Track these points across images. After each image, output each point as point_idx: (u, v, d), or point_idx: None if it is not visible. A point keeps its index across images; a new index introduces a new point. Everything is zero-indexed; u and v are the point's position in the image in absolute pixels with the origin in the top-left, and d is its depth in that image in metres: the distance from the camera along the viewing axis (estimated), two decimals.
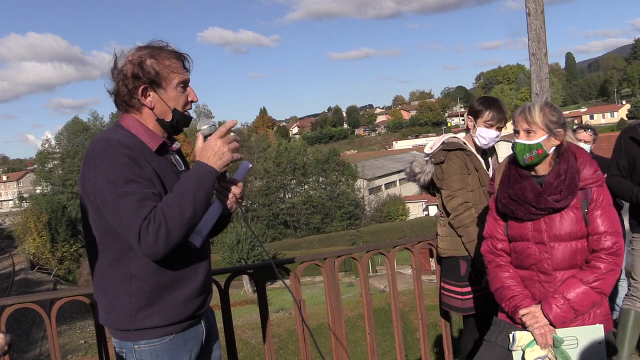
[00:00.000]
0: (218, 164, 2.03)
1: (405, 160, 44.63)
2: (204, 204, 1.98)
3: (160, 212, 1.91)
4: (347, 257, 3.77)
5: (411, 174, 3.79)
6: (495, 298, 2.79)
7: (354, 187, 54.23)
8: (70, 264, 48.25)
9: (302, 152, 55.86)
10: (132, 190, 1.92)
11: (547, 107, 2.61)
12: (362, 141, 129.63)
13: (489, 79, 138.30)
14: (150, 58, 2.09)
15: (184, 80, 2.14)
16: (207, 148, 2.04)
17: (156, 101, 2.11)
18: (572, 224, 2.56)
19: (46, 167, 61.75)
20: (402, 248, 3.99)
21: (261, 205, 51.59)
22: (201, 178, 1.99)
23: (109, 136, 2.04)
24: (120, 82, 2.10)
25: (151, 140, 2.11)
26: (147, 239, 1.89)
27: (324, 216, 51.11)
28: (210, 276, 2.30)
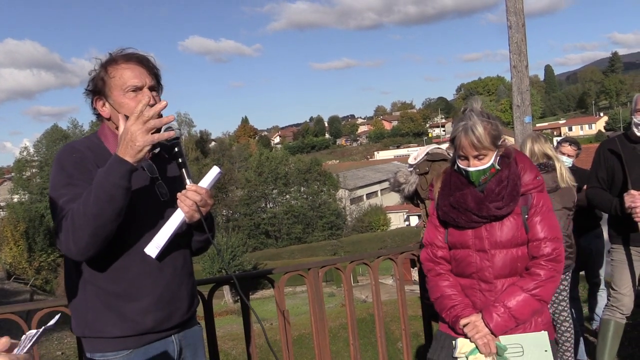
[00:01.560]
0: (129, 153, 1.87)
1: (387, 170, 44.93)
2: (108, 199, 1.84)
3: (71, 211, 1.89)
4: (331, 267, 3.76)
5: (395, 184, 3.82)
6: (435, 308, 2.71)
7: (335, 197, 54.30)
8: (48, 273, 47.55)
9: (284, 162, 55.81)
10: (64, 193, 1.94)
11: (487, 122, 2.49)
12: (343, 151, 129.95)
13: (470, 90, 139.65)
14: (101, 69, 2.11)
15: (132, 85, 2.07)
16: (121, 135, 1.92)
17: (110, 110, 2.12)
18: (513, 230, 2.51)
19: (24, 175, 60.98)
20: (386, 258, 4.00)
21: (242, 215, 51.40)
22: (108, 170, 1.87)
23: (68, 143, 2.12)
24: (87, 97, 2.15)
25: (115, 145, 2.07)
26: (60, 237, 1.88)
27: (306, 226, 51.03)
28: (183, 288, 2.20)
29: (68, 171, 1.99)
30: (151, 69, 2.14)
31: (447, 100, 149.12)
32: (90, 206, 1.84)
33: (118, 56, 2.12)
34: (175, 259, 2.16)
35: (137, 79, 2.09)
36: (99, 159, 2.04)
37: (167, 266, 2.13)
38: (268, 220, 51.34)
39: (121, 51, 2.14)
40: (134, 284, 2.04)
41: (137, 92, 2.09)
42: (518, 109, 6.17)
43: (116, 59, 2.11)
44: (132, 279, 2.04)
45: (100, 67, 2.12)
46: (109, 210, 1.86)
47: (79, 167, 2.00)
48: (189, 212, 2.05)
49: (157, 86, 2.16)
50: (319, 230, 50.65)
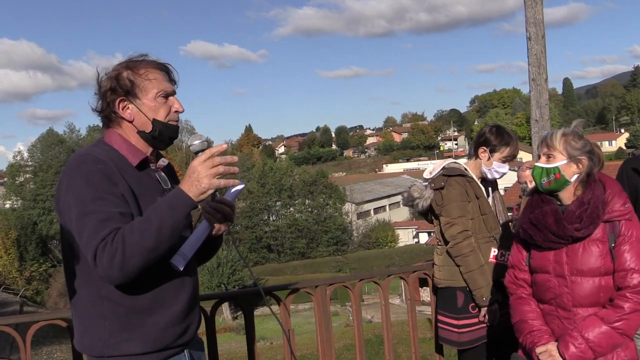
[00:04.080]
0: (193, 192, 1.93)
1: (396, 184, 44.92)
2: (169, 235, 1.90)
3: (120, 235, 1.86)
4: (340, 285, 3.76)
5: (409, 198, 3.81)
6: (514, 332, 2.78)
7: (341, 211, 54.22)
8: (39, 284, 47.51)
9: (289, 173, 55.84)
10: (96, 209, 1.91)
11: (571, 133, 2.64)
12: (351, 163, 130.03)
13: (484, 103, 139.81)
14: (126, 70, 2.13)
15: (164, 89, 2.14)
16: (187, 171, 1.99)
17: (135, 113, 2.12)
18: (597, 258, 2.52)
19: (17, 181, 61.12)
20: (397, 277, 3.99)
21: (244, 228, 51.34)
22: (173, 204, 1.92)
23: (85, 151, 2.07)
24: (101, 98, 2.14)
25: (133, 155, 2.12)
26: (102, 261, 1.85)
27: (310, 241, 50.95)
28: (197, 302, 2.25)
29: (96, 183, 1.95)
30: (174, 81, 2.21)
31: (460, 113, 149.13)
32: (150, 238, 1.86)
33: (149, 60, 2.17)
34: (193, 273, 2.22)
35: (168, 85, 2.16)
36: (121, 170, 2.04)
37: (187, 279, 2.17)
38: (270, 234, 51.30)
39: (141, 56, 2.18)
40: (156, 298, 2.06)
41: (166, 98, 2.15)
42: (536, 124, 6.16)
43: (148, 62, 2.16)
44: (155, 292, 2.05)
45: (123, 67, 2.13)
46: (166, 244, 1.91)
47: (107, 179, 1.97)
48: (216, 224, 2.16)
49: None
50: (323, 245, 50.57)
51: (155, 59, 2.19)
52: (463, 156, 56.95)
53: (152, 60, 2.17)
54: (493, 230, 3.62)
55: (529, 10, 6.08)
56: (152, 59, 2.18)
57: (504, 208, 3.84)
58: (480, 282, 3.45)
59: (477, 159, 3.71)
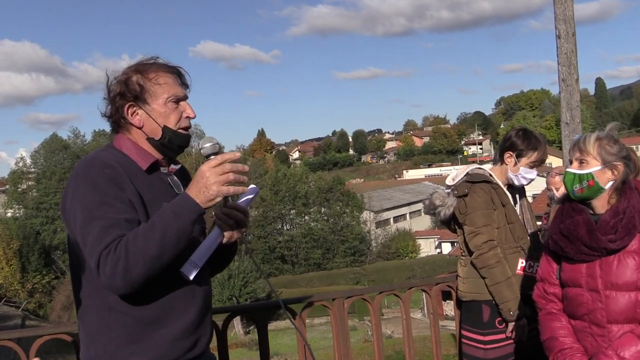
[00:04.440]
0: (200, 198, 1.94)
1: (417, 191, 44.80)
2: (175, 242, 1.91)
3: (124, 242, 1.88)
4: (358, 298, 3.76)
5: (430, 206, 3.80)
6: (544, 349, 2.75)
7: (359, 220, 54.11)
8: (42, 297, 47.85)
9: (303, 180, 55.85)
10: (101, 215, 1.93)
11: (606, 137, 2.61)
12: (369, 169, 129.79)
13: (510, 105, 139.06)
14: (136, 74, 2.15)
15: (175, 94, 2.16)
16: (195, 176, 2.01)
17: (144, 119, 2.15)
18: (633, 271, 2.48)
19: (19, 188, 61.64)
20: (419, 289, 3.99)
21: (256, 237, 51.40)
22: (178, 211, 1.93)
23: (93, 156, 2.10)
24: (110, 103, 2.18)
25: (142, 158, 2.14)
26: (105, 270, 1.87)
27: (326, 251, 50.89)
28: (208, 314, 2.26)
29: (102, 189, 1.97)
30: (186, 85, 2.25)
31: (485, 115, 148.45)
32: (153, 246, 1.88)
33: (159, 63, 2.20)
34: (204, 283, 2.23)
35: (180, 89, 2.19)
36: (129, 174, 2.06)
37: (198, 289, 2.18)
38: (284, 244, 51.30)
39: (152, 59, 2.21)
40: (165, 308, 2.07)
41: (177, 103, 2.18)
42: (567, 127, 6.12)
43: (158, 66, 2.19)
44: (164, 303, 2.07)
45: (133, 71, 2.17)
46: (171, 252, 1.93)
47: (114, 184, 1.99)
48: (229, 232, 2.15)
49: None
50: (340, 256, 50.48)
51: (166, 62, 2.22)
52: (488, 161, 56.07)
53: (163, 64, 2.20)
54: (520, 240, 3.61)
55: (559, 6, 6.05)
56: (163, 62, 2.21)
57: (532, 216, 3.82)
58: (507, 295, 3.43)
59: (503, 164, 3.71)
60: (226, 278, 33.20)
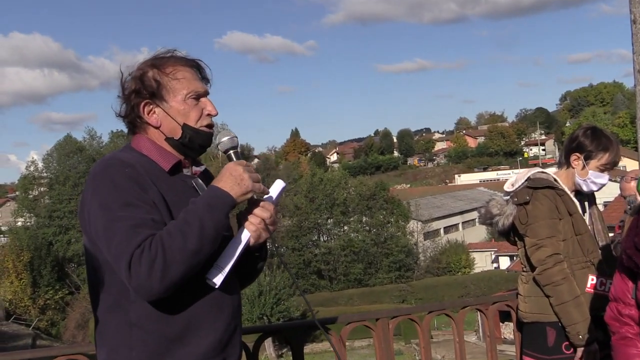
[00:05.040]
0: (235, 190, 2.04)
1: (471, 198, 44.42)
2: (213, 235, 1.98)
3: (158, 240, 1.91)
4: (405, 318, 3.76)
5: (487, 215, 3.78)
6: None
7: (405, 231, 53.97)
8: (54, 314, 48.63)
9: (342, 185, 55.91)
10: (127, 215, 1.96)
11: None
12: (416, 173, 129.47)
13: (577, 100, 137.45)
14: (152, 69, 2.20)
15: (195, 90, 2.20)
16: (223, 171, 2.07)
17: (162, 118, 2.20)
18: None
19: (30, 195, 62.71)
20: (473, 309, 3.97)
21: (290, 250, 51.61)
22: (212, 203, 2.00)
23: (112, 155, 2.15)
24: (124, 101, 2.22)
25: (164, 159, 2.19)
26: (139, 270, 1.88)
27: (367, 265, 50.83)
28: (237, 332, 2.27)
29: (124, 189, 2.01)
30: (207, 79, 2.29)
31: (548, 112, 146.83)
32: (192, 240, 1.93)
33: (176, 57, 2.24)
34: (233, 295, 2.24)
35: (200, 85, 2.23)
36: (151, 176, 2.10)
37: (226, 302, 2.20)
38: (321, 257, 51.39)
39: (169, 52, 2.25)
40: (190, 324, 2.09)
41: (198, 100, 2.22)
42: None
43: (175, 59, 2.23)
44: (189, 317, 2.09)
45: (148, 66, 2.21)
46: (209, 247, 1.99)
47: (135, 184, 2.04)
48: (256, 231, 2.16)
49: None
50: (384, 270, 50.37)
51: (185, 55, 2.26)
52: (552, 164, 55.32)
53: (181, 57, 2.25)
54: (590, 254, 3.56)
55: None
56: (181, 55, 2.25)
57: (603, 227, 3.77)
58: (576, 316, 3.39)
59: (570, 167, 3.67)
60: (256, 295, 33.36)
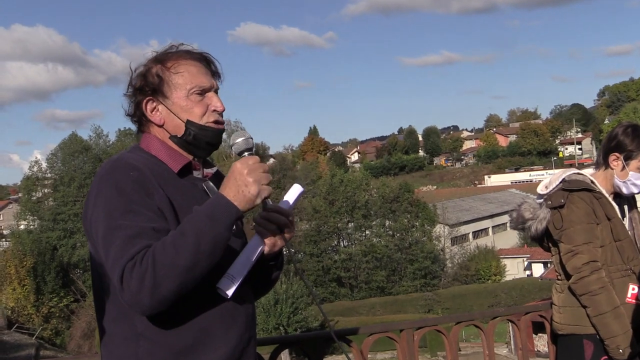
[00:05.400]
0: (240, 199, 2.00)
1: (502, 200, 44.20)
2: (210, 251, 1.94)
3: (151, 253, 1.90)
4: (431, 329, 3.76)
5: (518, 220, 3.78)
6: None
7: (431, 235, 53.85)
8: (59, 322, 48.90)
9: (364, 187, 55.90)
10: (126, 224, 1.97)
11: None
12: (443, 174, 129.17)
13: (617, 95, 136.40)
14: (155, 64, 2.23)
15: (198, 84, 2.22)
16: (228, 175, 2.05)
17: (165, 115, 2.22)
18: None
19: (33, 197, 63.11)
20: (504, 320, 3.96)
21: (308, 255, 51.65)
22: (213, 214, 1.96)
23: (118, 157, 2.17)
24: (129, 99, 2.27)
25: (173, 160, 2.21)
26: (130, 284, 1.89)
27: (391, 272, 50.78)
28: (252, 344, 2.28)
29: (127, 194, 2.02)
30: (216, 73, 2.31)
31: (585, 108, 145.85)
32: (185, 256, 1.90)
33: (181, 50, 2.26)
34: (246, 305, 2.25)
35: (205, 79, 2.24)
36: (158, 178, 2.12)
37: (240, 312, 2.20)
38: (341, 264, 51.37)
39: (179, 45, 2.28)
40: (201, 335, 2.10)
41: (202, 95, 2.23)
42: None
43: (178, 53, 2.25)
44: (199, 328, 2.09)
45: (152, 61, 2.24)
46: (205, 263, 1.95)
47: (140, 189, 2.05)
48: (271, 239, 2.18)
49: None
50: (408, 278, 50.30)
51: (191, 48, 2.29)
52: (589, 165, 55.18)
53: (185, 50, 2.27)
54: (631, 261, 3.55)
55: None
56: (186, 48, 2.28)
57: None
58: (615, 328, 3.38)
59: (608, 168, 3.66)
60: (272, 303, 33.44)
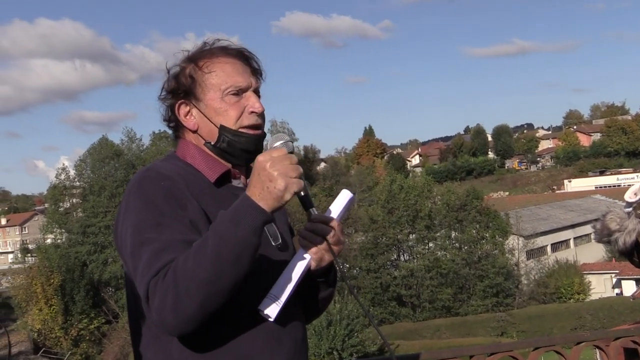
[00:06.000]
0: (265, 197, 1.94)
1: (585, 208, 43.73)
2: (233, 259, 1.89)
3: (173, 267, 1.90)
4: (505, 355, 3.73)
5: (603, 231, 3.74)
6: None
7: (503, 248, 53.36)
8: (89, 346, 49.54)
9: (426, 194, 55.66)
10: (154, 237, 1.99)
11: None
12: (516, 178, 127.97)
13: None
14: (189, 64, 2.25)
15: (233, 84, 2.23)
16: (252, 171, 2.01)
17: (199, 119, 2.25)
18: None
19: (61, 208, 64.15)
20: (590, 346, 3.92)
21: (364, 271, 51.60)
22: (236, 218, 1.93)
23: (149, 166, 2.21)
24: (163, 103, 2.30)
25: (210, 168, 2.23)
26: (154, 302, 1.90)
27: (458, 290, 50.45)
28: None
29: (157, 206, 2.05)
30: (256, 70, 2.31)
31: None
32: (206, 266, 1.87)
33: (215, 47, 2.28)
34: (295, 328, 2.25)
35: (241, 78, 2.24)
36: (193, 189, 2.14)
37: (286, 337, 2.20)
38: (402, 280, 51.22)
39: (214, 42, 2.30)
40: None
41: (239, 95, 2.23)
42: None
43: (212, 51, 2.27)
44: (242, 354, 2.10)
45: (185, 60, 2.27)
46: (230, 274, 1.90)
47: (172, 200, 2.07)
48: (317, 253, 2.15)
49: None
50: (478, 297, 49.92)
51: (227, 44, 2.30)
52: None
53: (220, 47, 2.28)
54: None
55: None
56: (222, 45, 2.29)
57: None
58: None
59: None
60: (325, 325, 33.44)
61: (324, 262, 2.18)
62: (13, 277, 59.32)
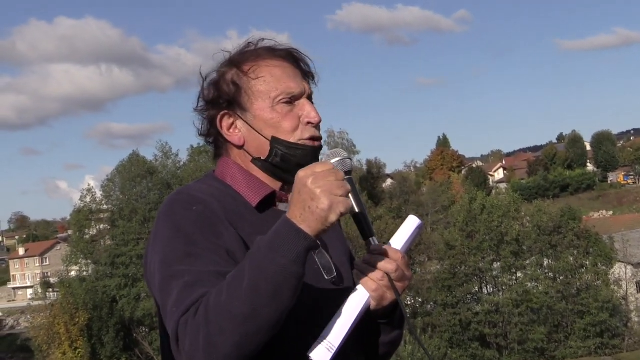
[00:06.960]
0: (307, 219, 1.89)
1: None
2: (273, 292, 1.85)
3: (205, 302, 1.89)
4: None
5: None
6: None
7: (608, 279, 52.65)
8: None
9: (513, 214, 55.24)
10: (185, 269, 1.99)
11: None
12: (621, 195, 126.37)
13: None
14: (231, 69, 2.26)
15: (285, 90, 2.22)
16: (294, 189, 1.95)
17: (246, 132, 2.25)
18: None
19: (86, 235, 64.53)
20: None
21: (439, 307, 51.33)
22: (273, 244, 1.89)
23: (182, 189, 2.24)
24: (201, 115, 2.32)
25: (252, 191, 2.24)
26: (184, 342, 1.90)
27: (553, 329, 49.93)
28: None
29: (188, 234, 2.06)
30: (308, 73, 2.32)
31: None
32: (241, 301, 1.84)
33: (261, 48, 2.28)
34: None
35: (294, 83, 2.24)
36: (231, 214, 2.15)
37: None
38: (485, 317, 50.86)
39: (258, 41, 2.31)
40: None
41: (292, 104, 2.23)
42: None
43: (258, 52, 2.27)
44: None
45: (226, 64, 2.29)
46: (269, 309, 1.87)
47: (204, 227, 2.08)
48: (377, 291, 2.12)
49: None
50: (577, 337, 49.34)
51: (274, 44, 2.30)
52: None
53: (266, 48, 2.29)
54: None
55: None
56: (268, 44, 2.30)
57: None
58: None
59: None
60: None
61: (386, 301, 2.15)
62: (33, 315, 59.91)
